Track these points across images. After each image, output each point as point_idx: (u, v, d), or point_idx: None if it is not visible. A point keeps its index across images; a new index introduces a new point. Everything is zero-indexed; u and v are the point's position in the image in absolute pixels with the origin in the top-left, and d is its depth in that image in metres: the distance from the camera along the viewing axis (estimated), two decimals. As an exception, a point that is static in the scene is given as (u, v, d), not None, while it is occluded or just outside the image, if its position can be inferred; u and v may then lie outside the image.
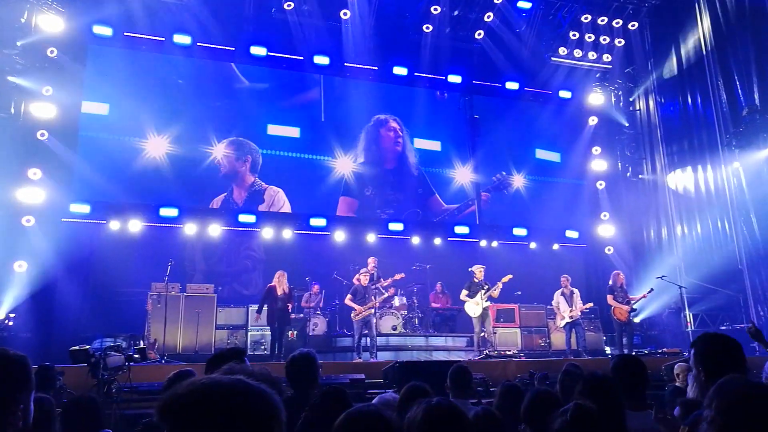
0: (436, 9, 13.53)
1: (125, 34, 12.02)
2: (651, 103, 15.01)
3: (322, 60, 13.24)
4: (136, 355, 6.41)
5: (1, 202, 10.34)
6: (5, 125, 10.73)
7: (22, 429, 1.57)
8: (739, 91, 12.23)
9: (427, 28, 13.84)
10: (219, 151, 12.59)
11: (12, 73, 10.84)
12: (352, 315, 10.45)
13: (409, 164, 14.12)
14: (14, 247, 10.28)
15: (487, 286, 10.71)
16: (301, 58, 13.27)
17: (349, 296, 10.61)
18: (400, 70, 13.84)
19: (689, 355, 2.79)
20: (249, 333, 11.00)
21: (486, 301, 10.66)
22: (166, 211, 11.85)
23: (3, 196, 10.39)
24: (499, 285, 10.74)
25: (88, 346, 6.33)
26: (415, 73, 14.07)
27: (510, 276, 10.95)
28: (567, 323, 11.15)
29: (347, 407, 2.42)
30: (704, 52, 13.16)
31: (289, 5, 12.68)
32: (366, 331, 10.35)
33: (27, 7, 11.16)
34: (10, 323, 9.90)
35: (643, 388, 3.19)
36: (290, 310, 10.29)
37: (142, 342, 9.50)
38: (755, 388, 1.72)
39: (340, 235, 12.96)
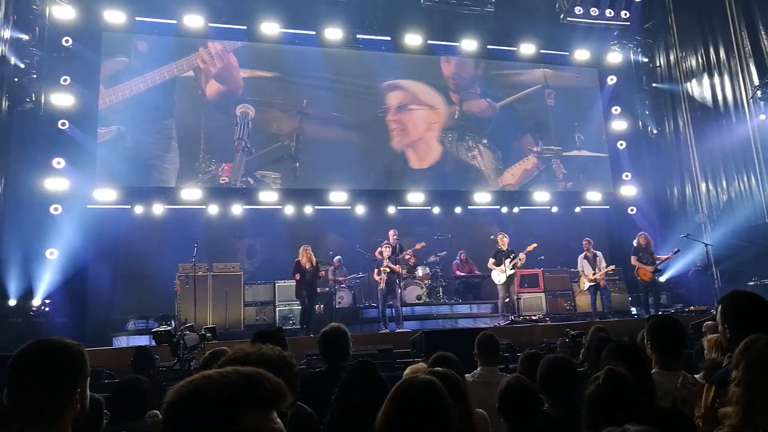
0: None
1: (137, 18, 12.05)
2: (672, 57, 14.57)
3: (334, 33, 13.11)
4: (208, 334, 6.60)
5: (30, 192, 10.59)
6: (28, 116, 10.91)
7: (79, 412, 1.65)
8: (764, 41, 11.83)
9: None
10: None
11: (30, 65, 10.97)
12: (377, 276, 10.44)
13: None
14: (45, 236, 10.57)
15: (513, 255, 10.74)
16: (313, 33, 13.17)
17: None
18: (413, 39, 13.67)
19: (716, 312, 2.79)
20: (277, 308, 11.19)
21: (511, 269, 10.70)
22: (188, 193, 12.03)
23: (32, 186, 10.64)
24: (522, 256, 10.75)
25: (170, 328, 6.51)
26: (429, 41, 13.89)
27: (535, 245, 10.94)
28: (591, 286, 11.14)
29: (377, 379, 2.50)
30: (727, 1, 12.72)
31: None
32: (391, 302, 10.46)
33: (40, -3, 11.23)
34: (46, 309, 10.21)
35: (680, 349, 3.16)
36: (317, 284, 10.45)
37: (173, 321, 9.73)
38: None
39: (360, 209, 13.03)
